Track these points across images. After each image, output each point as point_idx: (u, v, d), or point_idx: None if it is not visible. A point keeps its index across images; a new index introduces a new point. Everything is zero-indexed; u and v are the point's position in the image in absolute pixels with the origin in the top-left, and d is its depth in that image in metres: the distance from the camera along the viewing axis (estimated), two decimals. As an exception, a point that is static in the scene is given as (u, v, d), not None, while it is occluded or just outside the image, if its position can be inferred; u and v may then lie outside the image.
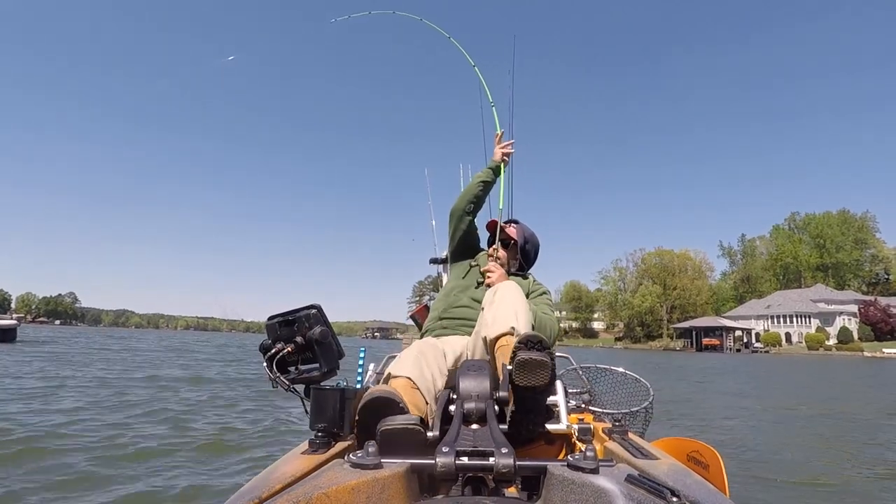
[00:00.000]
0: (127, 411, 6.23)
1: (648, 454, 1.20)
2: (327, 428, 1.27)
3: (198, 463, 4.07)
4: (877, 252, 74.23)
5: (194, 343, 35.06)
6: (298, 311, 1.39)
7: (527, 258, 2.49)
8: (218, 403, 7.37)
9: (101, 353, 18.48)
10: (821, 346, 54.23)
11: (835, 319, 58.26)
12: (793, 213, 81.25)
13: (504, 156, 2.49)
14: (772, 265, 77.94)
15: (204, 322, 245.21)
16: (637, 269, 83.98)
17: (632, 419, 2.58)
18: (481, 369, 1.39)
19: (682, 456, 1.76)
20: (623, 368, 2.85)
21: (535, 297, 2.30)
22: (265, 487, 0.93)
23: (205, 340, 39.40)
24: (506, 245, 2.44)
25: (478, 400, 1.24)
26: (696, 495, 0.87)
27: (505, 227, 2.45)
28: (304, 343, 1.36)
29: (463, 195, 2.41)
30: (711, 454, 1.68)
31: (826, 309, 59.34)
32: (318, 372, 1.36)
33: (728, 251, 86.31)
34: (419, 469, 0.94)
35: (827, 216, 75.42)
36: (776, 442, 5.84)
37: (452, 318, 2.15)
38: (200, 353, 22.14)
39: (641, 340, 74.55)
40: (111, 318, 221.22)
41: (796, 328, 60.55)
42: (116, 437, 4.73)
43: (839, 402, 10.30)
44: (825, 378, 18.06)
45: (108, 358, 15.66)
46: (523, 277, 2.40)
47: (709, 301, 76.66)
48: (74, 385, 8.43)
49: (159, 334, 77.27)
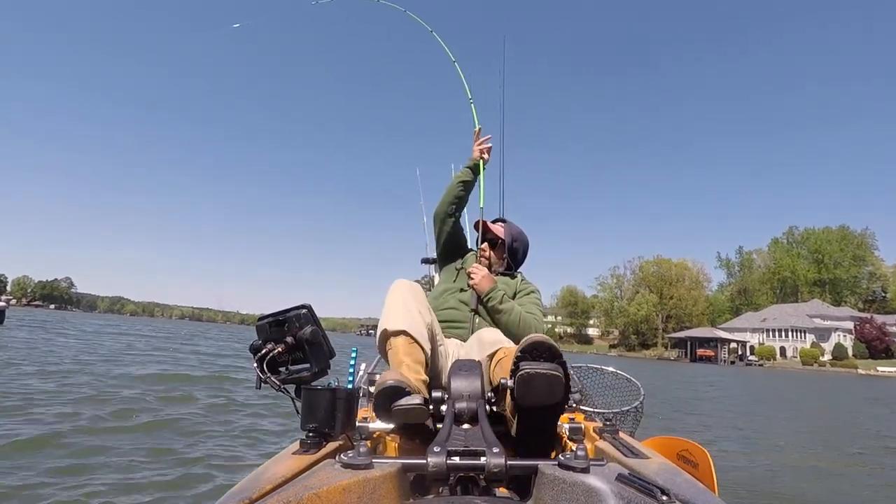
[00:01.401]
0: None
1: (639, 453, 1.20)
2: (318, 428, 1.26)
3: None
4: (875, 269, 74.53)
5: (196, 338, 27.64)
6: (289, 311, 1.37)
7: (514, 257, 2.46)
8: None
9: (88, 340, 16.88)
10: (815, 361, 54.35)
11: (830, 335, 58.41)
12: (791, 227, 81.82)
13: (482, 153, 2.45)
14: (769, 278, 78.19)
15: (199, 313, 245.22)
16: (634, 276, 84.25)
17: (622, 419, 2.56)
18: (472, 369, 1.39)
19: (672, 455, 1.75)
20: (613, 368, 2.84)
21: (522, 296, 2.29)
22: (255, 488, 0.92)
23: (212, 335, 33.78)
24: (494, 244, 2.43)
25: (469, 400, 1.24)
26: (685, 494, 0.87)
27: (491, 226, 2.44)
28: (295, 343, 1.34)
29: (444, 197, 2.39)
30: (701, 453, 1.68)
31: (822, 324, 59.50)
32: (309, 372, 1.35)
33: (726, 263, 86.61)
34: (410, 469, 0.94)
35: (826, 231, 75.72)
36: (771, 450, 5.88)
37: (440, 319, 2.14)
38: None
39: (636, 349, 74.74)
40: (106, 304, 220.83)
41: (791, 342, 60.69)
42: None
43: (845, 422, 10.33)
44: (828, 396, 18.04)
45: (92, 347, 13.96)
46: (511, 277, 2.39)
47: (705, 312, 76.87)
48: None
49: (153, 323, 76.50)
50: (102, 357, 11.22)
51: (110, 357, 11.39)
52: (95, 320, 50.08)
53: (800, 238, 78.81)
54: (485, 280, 2.17)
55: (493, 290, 2.14)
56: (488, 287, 2.14)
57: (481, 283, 2.15)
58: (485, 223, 2.43)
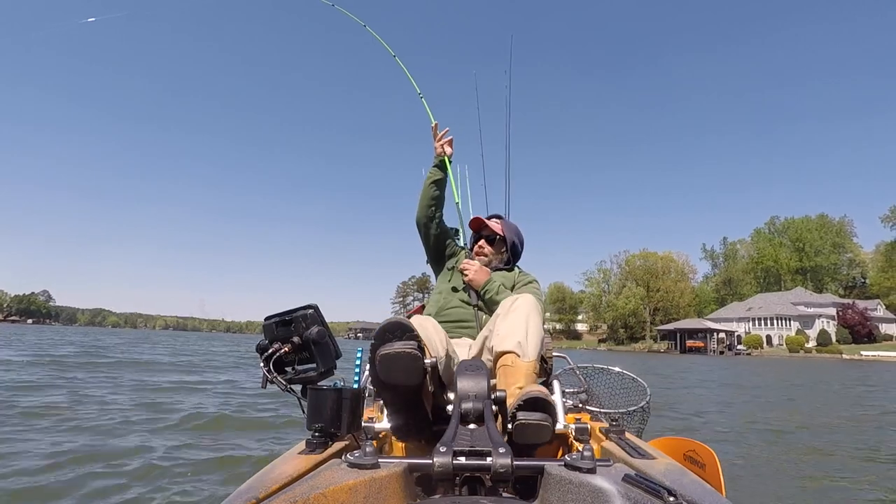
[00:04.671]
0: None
1: (645, 454, 1.21)
2: (324, 428, 1.27)
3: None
4: (854, 256, 75.90)
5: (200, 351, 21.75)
6: (295, 311, 1.39)
7: (515, 253, 2.47)
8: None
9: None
10: (801, 348, 55.17)
11: (814, 322, 59.37)
12: (773, 216, 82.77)
13: (443, 147, 2.40)
14: (752, 268, 79.18)
15: (183, 322, 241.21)
16: (621, 270, 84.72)
17: (629, 419, 2.57)
18: (479, 369, 1.38)
19: (679, 455, 1.76)
20: (619, 368, 2.84)
21: (521, 286, 2.29)
22: (262, 488, 0.93)
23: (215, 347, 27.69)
24: (491, 241, 2.42)
25: (475, 400, 1.24)
26: (692, 495, 0.88)
27: (488, 222, 2.43)
28: (301, 343, 1.36)
29: (420, 201, 2.37)
30: (708, 453, 1.69)
31: (805, 312, 60.46)
32: (315, 372, 1.36)
33: (710, 254, 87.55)
34: (416, 469, 0.94)
35: (806, 220, 76.85)
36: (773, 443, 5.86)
37: (448, 320, 2.15)
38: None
39: (625, 342, 75.18)
40: (87, 317, 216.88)
41: (776, 331, 61.57)
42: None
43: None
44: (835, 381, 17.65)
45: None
46: (508, 270, 2.40)
47: (691, 303, 77.60)
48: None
49: (137, 333, 74.65)
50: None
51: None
52: (92, 332, 47.35)
53: (781, 227, 79.87)
54: (479, 273, 2.17)
55: (489, 282, 2.14)
56: (483, 280, 2.15)
57: (476, 277, 2.16)
58: (481, 220, 2.43)
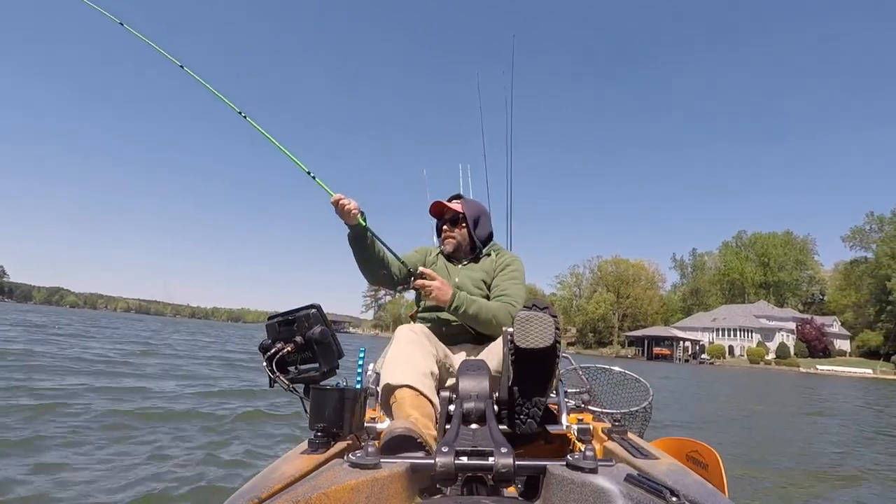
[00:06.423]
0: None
1: (648, 454, 1.22)
2: (327, 428, 1.26)
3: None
4: (814, 273, 78.82)
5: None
6: (298, 311, 1.39)
7: (484, 229, 2.34)
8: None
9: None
10: (761, 359, 57.01)
11: (774, 335, 61.30)
12: (740, 230, 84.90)
13: (348, 212, 1.96)
14: (719, 280, 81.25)
15: (146, 305, 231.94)
16: (593, 275, 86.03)
17: (631, 419, 2.58)
18: (480, 369, 1.39)
19: (682, 456, 1.77)
20: (620, 368, 2.84)
21: (500, 273, 2.21)
22: (264, 487, 0.93)
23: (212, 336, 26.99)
24: (455, 222, 2.31)
25: (477, 399, 1.25)
26: (695, 495, 0.88)
27: (448, 204, 2.33)
28: (304, 343, 1.36)
29: (361, 268, 2.14)
30: (710, 454, 1.69)
31: (767, 325, 62.37)
32: (318, 372, 1.36)
33: (680, 264, 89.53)
34: (418, 469, 0.94)
35: (772, 236, 79.20)
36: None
37: (454, 333, 2.09)
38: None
39: (593, 346, 76.27)
40: (43, 295, 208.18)
41: (739, 342, 63.36)
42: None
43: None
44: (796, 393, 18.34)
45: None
46: (485, 256, 2.30)
47: (659, 311, 79.27)
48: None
49: (97, 314, 71.97)
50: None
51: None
52: (46, 311, 45.62)
53: (748, 242, 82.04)
54: (440, 291, 1.98)
55: (454, 297, 1.98)
56: (448, 297, 1.97)
57: (439, 296, 1.98)
58: (442, 203, 2.33)
